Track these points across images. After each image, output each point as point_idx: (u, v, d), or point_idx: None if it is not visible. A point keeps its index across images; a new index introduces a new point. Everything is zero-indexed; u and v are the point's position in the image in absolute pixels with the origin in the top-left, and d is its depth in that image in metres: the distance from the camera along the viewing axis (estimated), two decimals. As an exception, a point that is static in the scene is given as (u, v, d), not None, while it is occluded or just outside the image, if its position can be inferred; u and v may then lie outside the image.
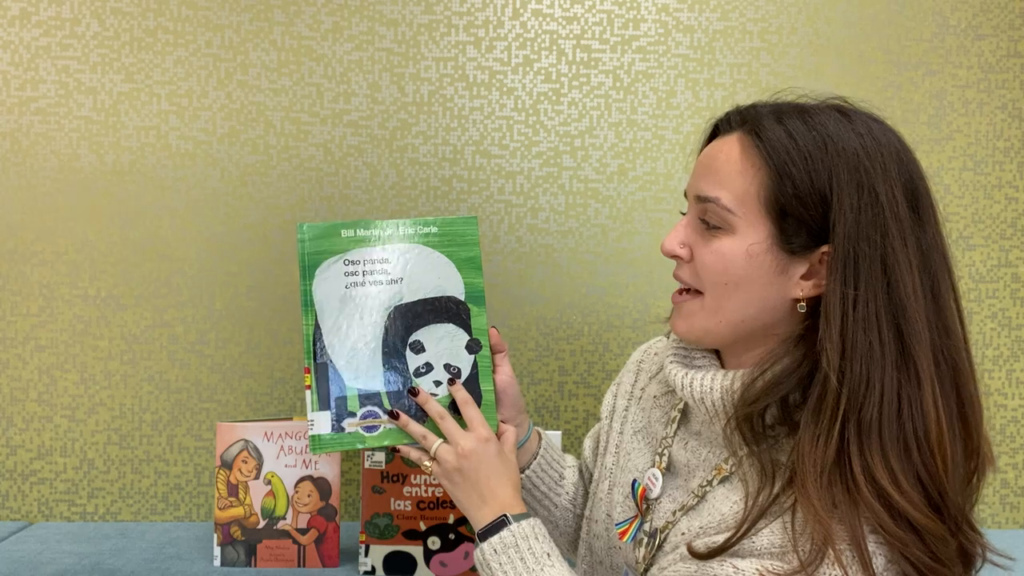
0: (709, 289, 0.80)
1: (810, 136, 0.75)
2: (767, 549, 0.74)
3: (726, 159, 0.79)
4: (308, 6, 1.51)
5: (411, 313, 1.00)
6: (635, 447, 0.98)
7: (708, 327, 0.82)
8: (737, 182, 0.77)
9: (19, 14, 1.50)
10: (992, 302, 1.56)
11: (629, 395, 1.04)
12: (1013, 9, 1.54)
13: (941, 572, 0.70)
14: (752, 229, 0.77)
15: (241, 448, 1.32)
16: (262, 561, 1.32)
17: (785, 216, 0.75)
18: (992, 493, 1.57)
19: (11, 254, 1.51)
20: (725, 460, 0.83)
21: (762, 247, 0.76)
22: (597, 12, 1.53)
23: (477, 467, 0.91)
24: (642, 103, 1.54)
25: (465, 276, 1.00)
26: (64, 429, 1.52)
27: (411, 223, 1.02)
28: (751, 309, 0.79)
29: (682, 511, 0.85)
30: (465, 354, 0.99)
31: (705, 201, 0.79)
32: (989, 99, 1.55)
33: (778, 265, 0.77)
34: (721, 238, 0.78)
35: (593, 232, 1.54)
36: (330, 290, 1.00)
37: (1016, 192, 1.56)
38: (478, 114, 1.53)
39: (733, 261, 0.77)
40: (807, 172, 0.74)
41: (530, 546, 0.86)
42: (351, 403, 0.98)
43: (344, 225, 1.03)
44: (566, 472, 1.09)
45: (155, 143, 1.51)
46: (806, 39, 1.54)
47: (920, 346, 0.72)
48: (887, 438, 0.71)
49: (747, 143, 0.78)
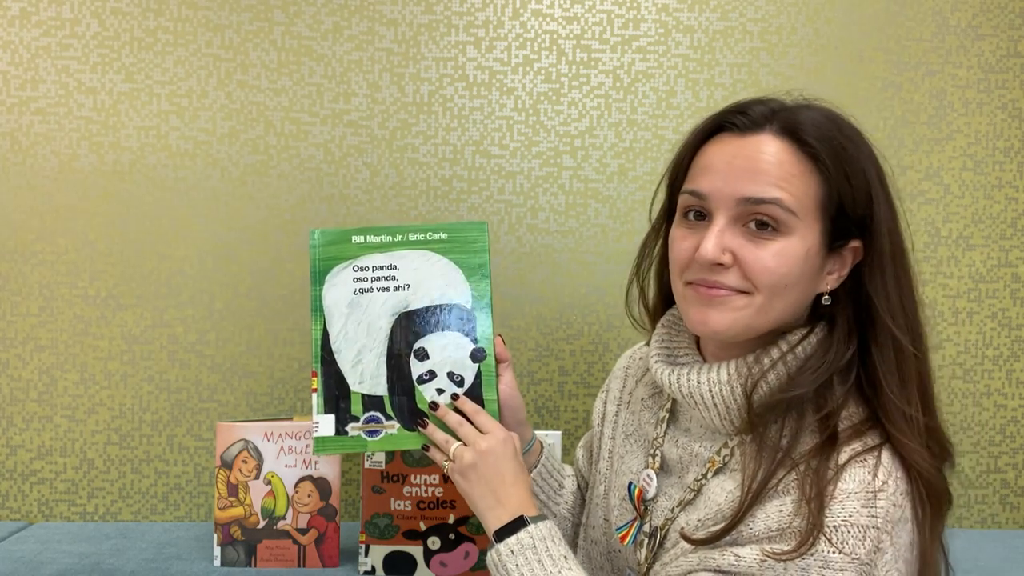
0: (765, 290, 0.79)
1: (841, 136, 0.79)
2: (765, 533, 0.75)
3: (775, 161, 0.78)
4: (308, 6, 1.51)
5: (417, 320, 1.00)
6: (628, 450, 0.99)
7: (753, 325, 0.81)
8: (795, 184, 0.77)
9: (19, 14, 1.50)
10: (992, 302, 1.56)
11: (618, 400, 1.05)
12: (1013, 9, 1.54)
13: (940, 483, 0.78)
14: (809, 231, 0.78)
15: (241, 448, 1.32)
16: (262, 561, 1.32)
17: (837, 216, 0.78)
18: (992, 493, 1.57)
19: (11, 254, 1.51)
20: (717, 452, 0.85)
21: (815, 249, 0.78)
22: (597, 12, 1.53)
23: (495, 465, 0.91)
24: (642, 103, 1.54)
25: (473, 283, 1.00)
26: (64, 429, 1.52)
27: (421, 229, 1.02)
28: (796, 308, 0.81)
29: (679, 507, 0.86)
30: (469, 363, 0.99)
31: (760, 203, 0.77)
32: (989, 99, 1.55)
33: (822, 264, 0.80)
34: (777, 240, 0.78)
35: (593, 232, 1.54)
36: (339, 296, 1.01)
37: (1016, 192, 1.56)
38: (478, 114, 1.53)
39: (795, 263, 0.78)
40: (854, 174, 0.77)
41: (547, 548, 0.86)
42: (355, 407, 0.98)
43: (355, 231, 1.03)
44: (565, 481, 1.10)
45: (155, 143, 1.51)
46: (806, 39, 1.54)
47: (919, 315, 0.81)
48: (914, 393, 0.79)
49: (788, 144, 0.79)
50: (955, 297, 1.56)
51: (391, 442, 0.97)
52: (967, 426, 1.57)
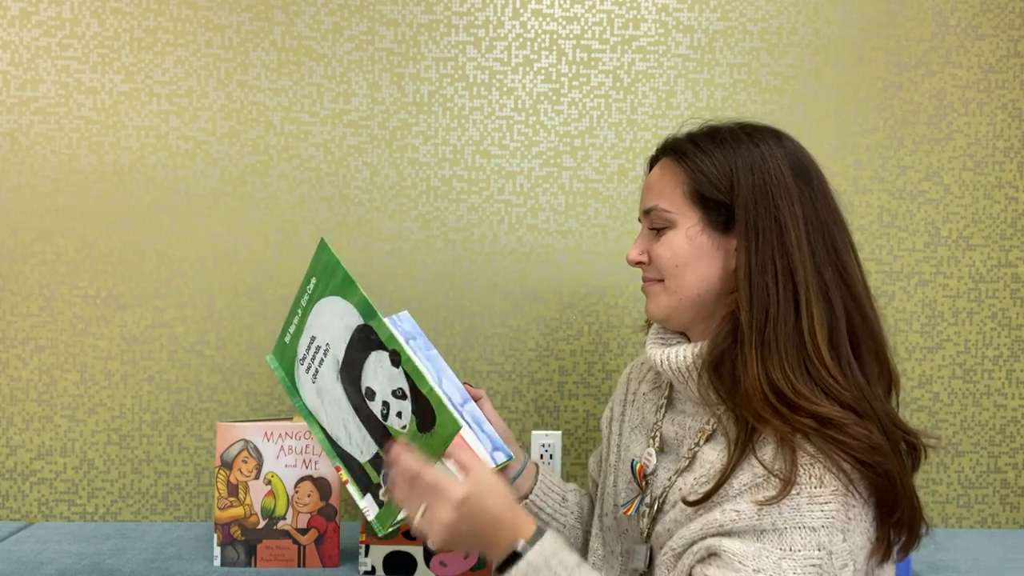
0: (666, 274, 0.97)
1: (713, 143, 0.97)
2: (752, 481, 0.84)
3: (658, 177, 1.00)
4: (308, 6, 1.51)
5: (347, 367, 0.98)
6: (633, 440, 1.07)
7: (671, 304, 0.97)
8: (667, 189, 0.98)
9: (19, 14, 1.50)
10: (992, 302, 1.56)
11: (623, 402, 1.13)
12: (1013, 9, 1.54)
13: (869, 454, 0.82)
14: (686, 219, 0.96)
15: (241, 448, 1.32)
16: (262, 561, 1.32)
17: (705, 201, 0.95)
18: (992, 493, 1.57)
19: (11, 254, 1.51)
20: (707, 422, 0.95)
21: (696, 230, 0.95)
22: (597, 12, 1.53)
23: (479, 508, 0.84)
24: (642, 103, 1.54)
25: (350, 299, 0.96)
26: (64, 429, 1.52)
27: (302, 287, 1.03)
28: (703, 284, 0.95)
29: (676, 473, 0.95)
30: (397, 372, 0.92)
31: (649, 212, 0.99)
32: (989, 99, 1.55)
33: (713, 243, 0.95)
34: (667, 233, 0.97)
35: (593, 232, 1.54)
36: (309, 394, 1.04)
37: (1016, 192, 1.56)
38: (478, 114, 1.53)
39: (679, 246, 0.96)
40: (712, 165, 0.95)
41: (561, 560, 0.84)
42: (372, 475, 0.97)
43: (282, 331, 1.07)
44: (568, 495, 1.16)
45: (155, 143, 1.51)
46: (806, 39, 1.54)
47: (806, 282, 0.89)
48: (784, 355, 0.87)
49: (669, 161, 1.00)
50: (955, 297, 1.56)
51: None
52: (967, 426, 1.57)
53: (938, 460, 1.57)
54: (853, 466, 0.82)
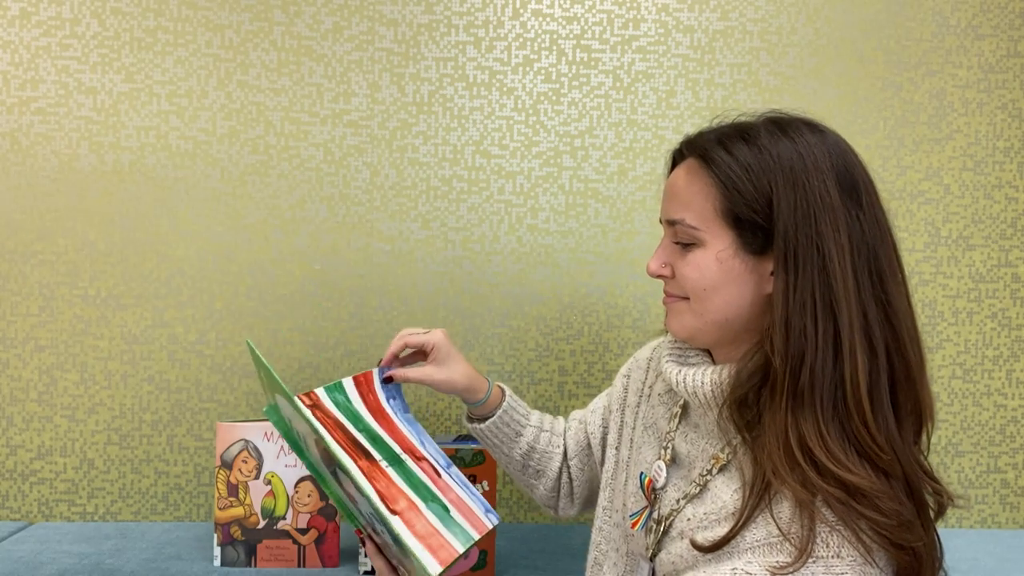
0: (692, 296, 0.89)
1: (749, 151, 0.86)
2: (764, 540, 0.78)
3: (684, 184, 0.90)
4: (308, 6, 1.51)
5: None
6: (645, 441, 1.04)
7: (696, 326, 0.90)
8: (696, 202, 0.88)
9: (19, 14, 1.50)
10: (992, 302, 1.56)
11: (639, 392, 1.09)
12: (1013, 9, 1.54)
13: (899, 532, 0.75)
14: (717, 239, 0.86)
15: (241, 448, 1.32)
16: (262, 561, 1.32)
17: (740, 222, 0.85)
18: (992, 493, 1.57)
19: (11, 254, 1.51)
20: (721, 449, 0.89)
21: (728, 253, 0.86)
22: (597, 12, 1.53)
23: None
24: (642, 103, 1.54)
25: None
26: (64, 429, 1.52)
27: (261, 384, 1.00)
28: (732, 309, 0.87)
29: (686, 499, 0.90)
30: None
31: (673, 224, 0.90)
32: (989, 99, 1.55)
33: (746, 266, 0.86)
34: (694, 251, 0.88)
35: (593, 232, 1.54)
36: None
37: (1016, 192, 1.56)
38: (478, 114, 1.53)
39: (707, 268, 0.87)
40: (749, 181, 0.84)
41: None
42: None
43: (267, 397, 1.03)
44: (524, 431, 1.15)
45: (155, 143, 1.51)
46: (806, 39, 1.54)
47: (850, 324, 0.80)
48: (820, 408, 0.79)
49: (697, 167, 0.89)
50: (955, 297, 1.56)
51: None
52: (967, 426, 1.57)
53: (938, 460, 1.57)
54: (880, 545, 0.76)
